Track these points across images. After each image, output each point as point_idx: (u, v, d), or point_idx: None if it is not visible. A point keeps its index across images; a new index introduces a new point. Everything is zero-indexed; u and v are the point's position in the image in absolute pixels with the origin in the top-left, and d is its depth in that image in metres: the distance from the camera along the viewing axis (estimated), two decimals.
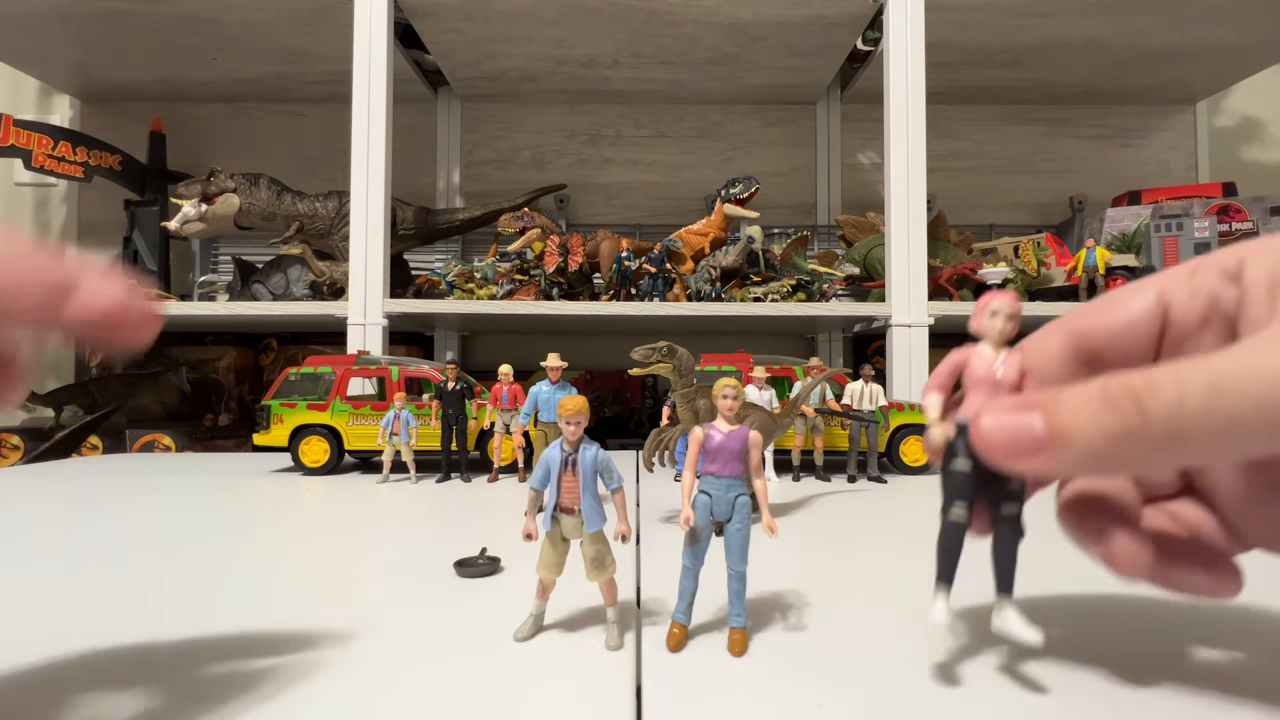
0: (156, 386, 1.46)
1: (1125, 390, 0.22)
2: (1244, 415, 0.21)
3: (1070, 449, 0.23)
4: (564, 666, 0.29)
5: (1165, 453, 0.22)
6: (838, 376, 0.89)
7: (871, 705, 0.26)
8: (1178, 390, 0.21)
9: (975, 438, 0.25)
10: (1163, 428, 0.21)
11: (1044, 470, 0.24)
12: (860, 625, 0.34)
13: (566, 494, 0.31)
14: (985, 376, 0.28)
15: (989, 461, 0.25)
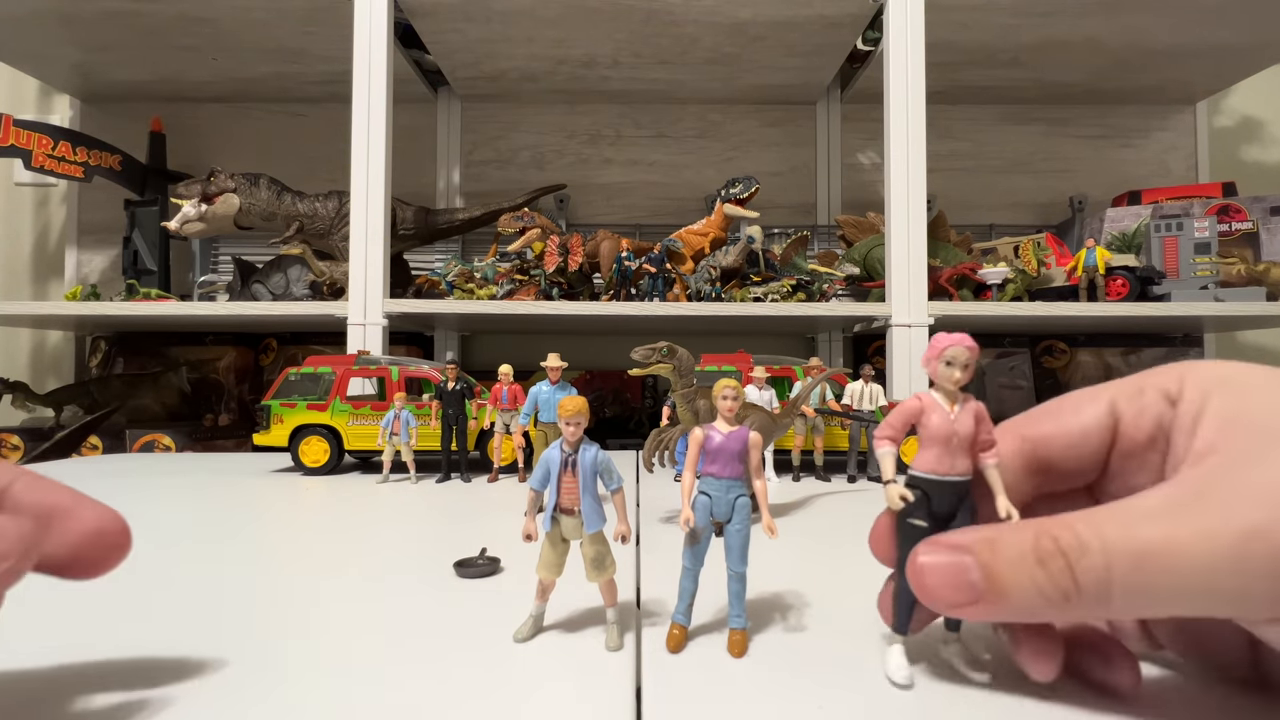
0: (156, 386, 1.46)
1: (1056, 549, 0.24)
2: (1165, 587, 0.22)
3: (1006, 603, 0.24)
4: (564, 667, 0.29)
5: (1095, 613, 0.23)
6: (838, 376, 0.89)
7: (871, 705, 0.26)
8: (1105, 560, 0.23)
9: (913, 575, 0.26)
10: (1093, 594, 0.23)
11: (979, 619, 0.25)
12: (860, 626, 0.34)
13: (566, 495, 0.31)
14: (943, 430, 0.27)
15: (926, 603, 0.26)
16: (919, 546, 0.26)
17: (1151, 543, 0.22)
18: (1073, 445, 0.28)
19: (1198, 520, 0.22)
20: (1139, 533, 0.23)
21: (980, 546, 0.25)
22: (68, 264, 1.61)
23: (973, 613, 0.25)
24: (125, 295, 1.29)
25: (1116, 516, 0.24)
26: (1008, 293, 1.21)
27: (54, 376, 1.65)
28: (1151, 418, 0.27)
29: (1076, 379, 1.57)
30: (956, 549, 0.25)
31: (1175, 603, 0.23)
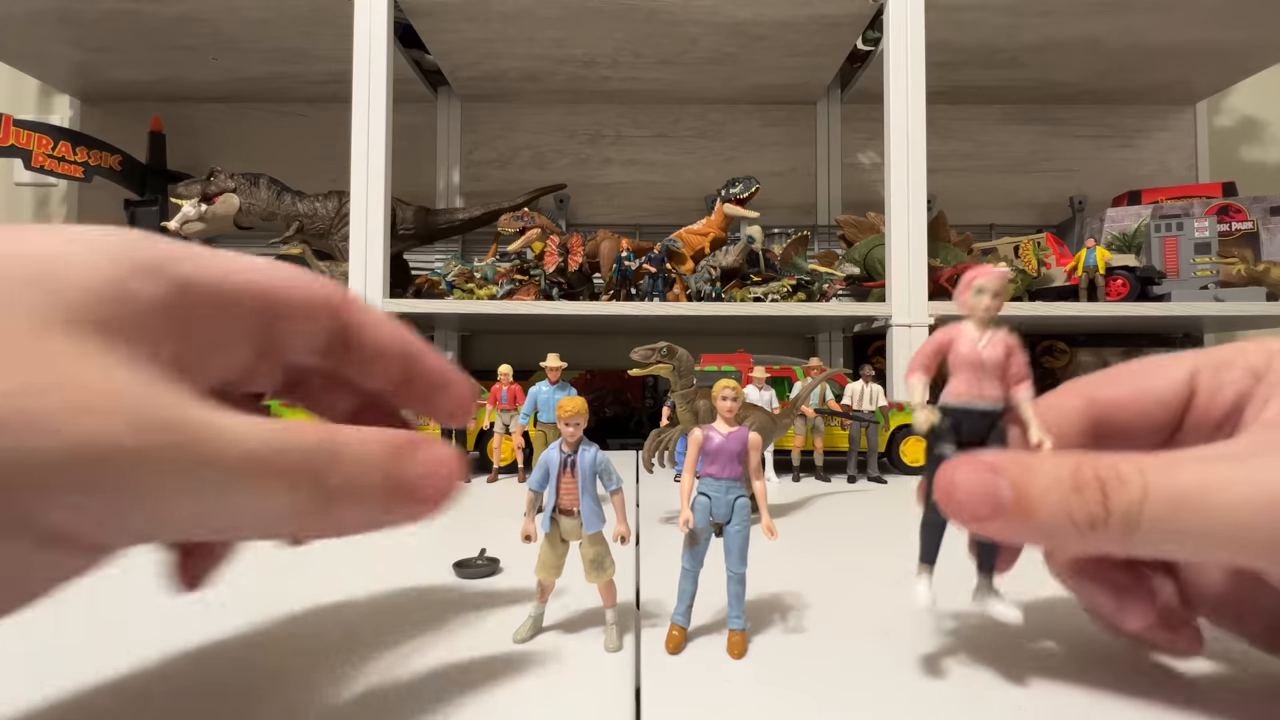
0: None
1: (1094, 478, 0.23)
2: (1198, 527, 0.22)
3: (1032, 523, 0.24)
4: (563, 668, 0.29)
5: (1118, 546, 0.23)
6: (838, 377, 0.89)
7: (872, 706, 0.26)
8: (1141, 494, 0.22)
9: (941, 488, 0.25)
10: (1120, 526, 0.22)
11: (1000, 536, 0.25)
12: (860, 626, 0.34)
13: (565, 495, 0.31)
14: (970, 356, 0.27)
15: (950, 515, 0.25)
16: (953, 461, 0.25)
17: (1193, 482, 0.22)
18: (1144, 413, 0.28)
19: (1247, 469, 0.22)
20: (1182, 472, 0.22)
21: (1015, 467, 0.24)
22: None
23: (994, 528, 0.24)
24: None
25: (1162, 459, 0.23)
26: (1008, 293, 1.21)
27: None
28: (1231, 395, 0.26)
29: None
30: (990, 468, 0.24)
31: (1204, 546, 0.22)
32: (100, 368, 0.17)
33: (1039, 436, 0.26)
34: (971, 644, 0.31)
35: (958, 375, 0.27)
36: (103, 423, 0.16)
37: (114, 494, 0.16)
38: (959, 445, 0.27)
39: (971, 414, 0.27)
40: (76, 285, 0.17)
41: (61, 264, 0.18)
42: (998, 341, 0.27)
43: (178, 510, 0.17)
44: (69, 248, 0.18)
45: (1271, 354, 0.26)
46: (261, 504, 0.19)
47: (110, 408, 0.16)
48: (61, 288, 0.17)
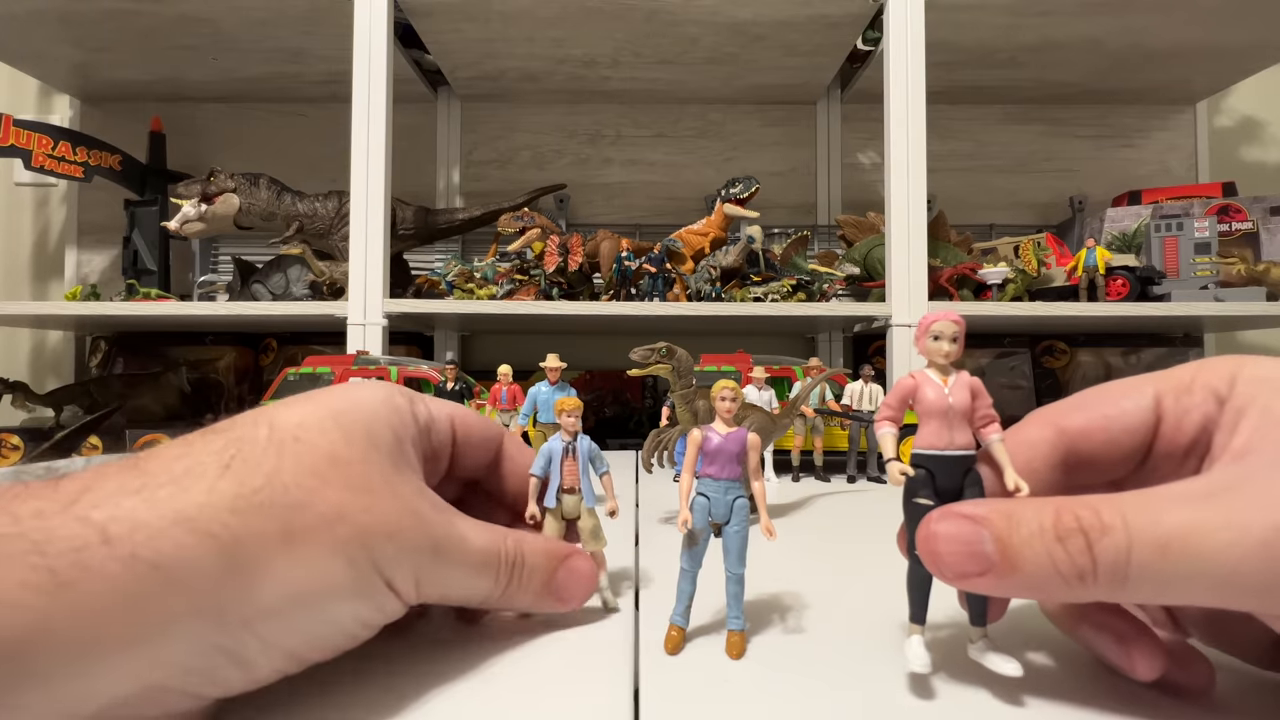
0: (156, 386, 1.46)
1: (1077, 526, 0.23)
2: (1186, 574, 0.22)
3: (1018, 577, 0.23)
4: (561, 669, 0.29)
5: (1107, 595, 0.23)
6: (837, 377, 0.89)
7: (872, 706, 0.26)
8: (1127, 541, 0.22)
9: (924, 546, 0.25)
10: (1109, 575, 0.22)
11: (986, 591, 0.25)
12: (860, 626, 0.34)
13: (568, 476, 0.35)
14: (938, 404, 0.27)
15: (935, 574, 0.25)
16: (932, 514, 0.25)
17: (1177, 528, 0.22)
18: (1113, 441, 0.27)
19: (1228, 511, 0.22)
20: (1164, 517, 0.22)
21: (996, 518, 0.24)
22: (68, 264, 1.61)
23: (981, 584, 0.24)
24: (125, 295, 1.29)
25: (1142, 500, 0.23)
26: (1008, 293, 1.21)
27: (54, 376, 1.65)
28: (1197, 418, 0.26)
29: (1076, 379, 1.57)
30: (971, 519, 0.24)
31: (1194, 591, 0.22)
32: (415, 494, 0.27)
33: (1015, 481, 0.26)
34: (968, 639, 0.31)
35: (927, 424, 0.27)
36: (430, 535, 0.27)
37: (428, 570, 0.27)
38: (936, 495, 0.27)
39: (945, 461, 0.27)
40: (388, 439, 0.28)
41: (380, 422, 0.28)
42: (962, 386, 0.27)
43: (448, 582, 0.28)
44: (378, 407, 0.28)
45: (1233, 376, 0.26)
46: (478, 586, 0.29)
47: (427, 526, 0.27)
48: (384, 441, 0.27)
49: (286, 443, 0.24)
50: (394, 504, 0.25)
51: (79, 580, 0.18)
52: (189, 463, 0.22)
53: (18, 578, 0.17)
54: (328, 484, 0.24)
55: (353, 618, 0.25)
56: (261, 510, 0.22)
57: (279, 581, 0.22)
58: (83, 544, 0.18)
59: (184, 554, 0.19)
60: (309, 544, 0.22)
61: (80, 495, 0.19)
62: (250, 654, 0.21)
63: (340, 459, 0.25)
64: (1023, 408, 1.53)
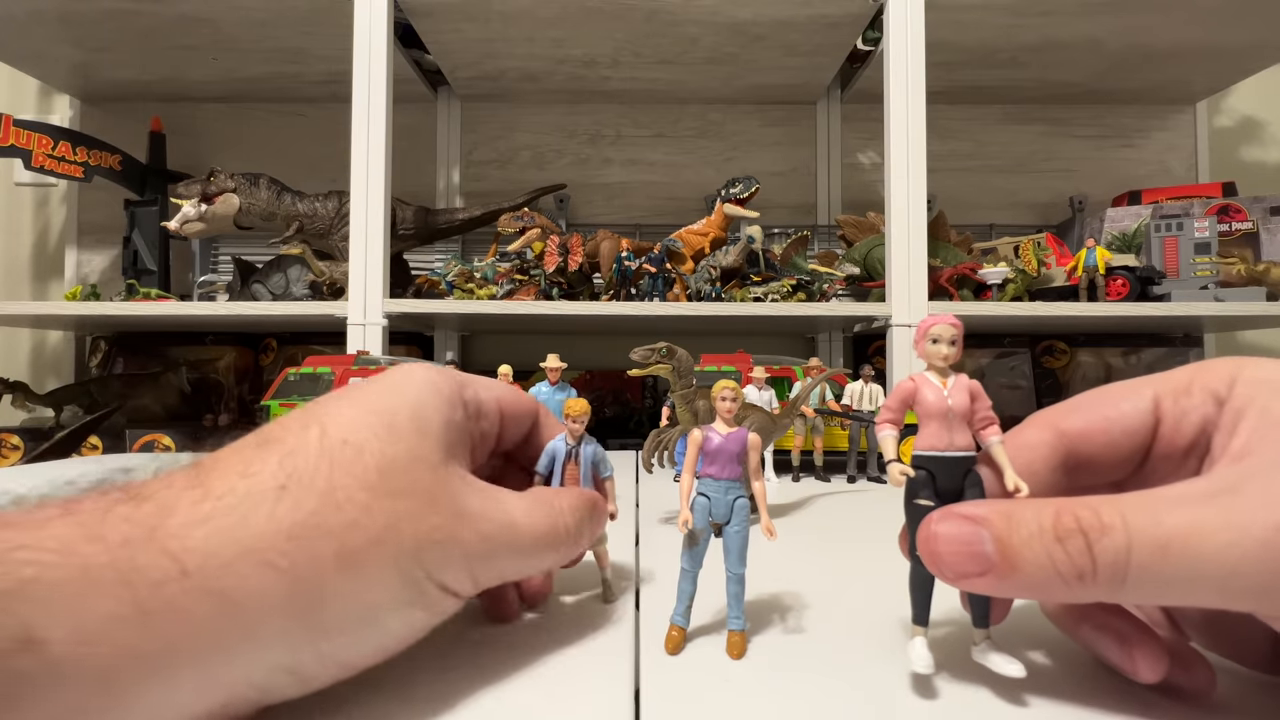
0: (156, 386, 1.46)
1: (1076, 526, 0.23)
2: (1185, 575, 0.22)
3: (1018, 577, 0.23)
4: (562, 669, 0.29)
5: (1106, 596, 0.23)
6: (838, 377, 0.89)
7: (873, 706, 0.26)
8: (1126, 541, 0.22)
9: (924, 546, 0.25)
10: (1108, 576, 0.22)
11: (986, 591, 0.25)
12: (860, 626, 0.34)
13: (569, 480, 0.36)
14: (937, 407, 0.27)
15: (936, 574, 0.25)
16: (932, 515, 0.25)
17: (1177, 529, 0.22)
18: (1112, 444, 0.27)
19: (1228, 511, 0.22)
20: (1164, 518, 0.22)
21: (996, 518, 0.24)
22: (68, 264, 1.61)
23: (981, 584, 0.24)
24: (125, 295, 1.29)
25: (1142, 501, 0.23)
26: (1008, 293, 1.21)
27: (54, 376, 1.65)
28: (1196, 420, 0.26)
29: (1076, 379, 1.57)
30: (971, 519, 0.24)
31: (1194, 592, 0.22)
32: (463, 489, 0.28)
33: (1014, 482, 0.26)
34: (970, 640, 0.31)
35: (927, 426, 0.28)
36: (483, 533, 0.27)
37: (482, 565, 0.28)
38: (937, 496, 0.27)
39: (945, 462, 0.27)
40: (437, 426, 0.28)
41: (428, 412, 0.28)
42: (961, 388, 0.27)
43: (504, 570, 0.29)
44: (426, 397, 0.29)
45: (1232, 378, 0.26)
46: (534, 565, 0.31)
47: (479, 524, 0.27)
48: (432, 430, 0.28)
49: (336, 449, 0.24)
50: (443, 505, 0.26)
51: (160, 612, 0.19)
52: (250, 485, 0.23)
53: (108, 609, 0.18)
54: (378, 496, 0.24)
55: (408, 624, 0.25)
56: (318, 533, 0.22)
57: (337, 604, 0.23)
58: (163, 577, 0.19)
59: (250, 586, 0.21)
60: (363, 564, 0.23)
61: (161, 522, 0.20)
62: (308, 669, 0.23)
63: (389, 463, 0.25)
64: (1023, 408, 1.53)
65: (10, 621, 0.17)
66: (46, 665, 0.17)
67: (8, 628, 0.17)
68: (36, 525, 0.19)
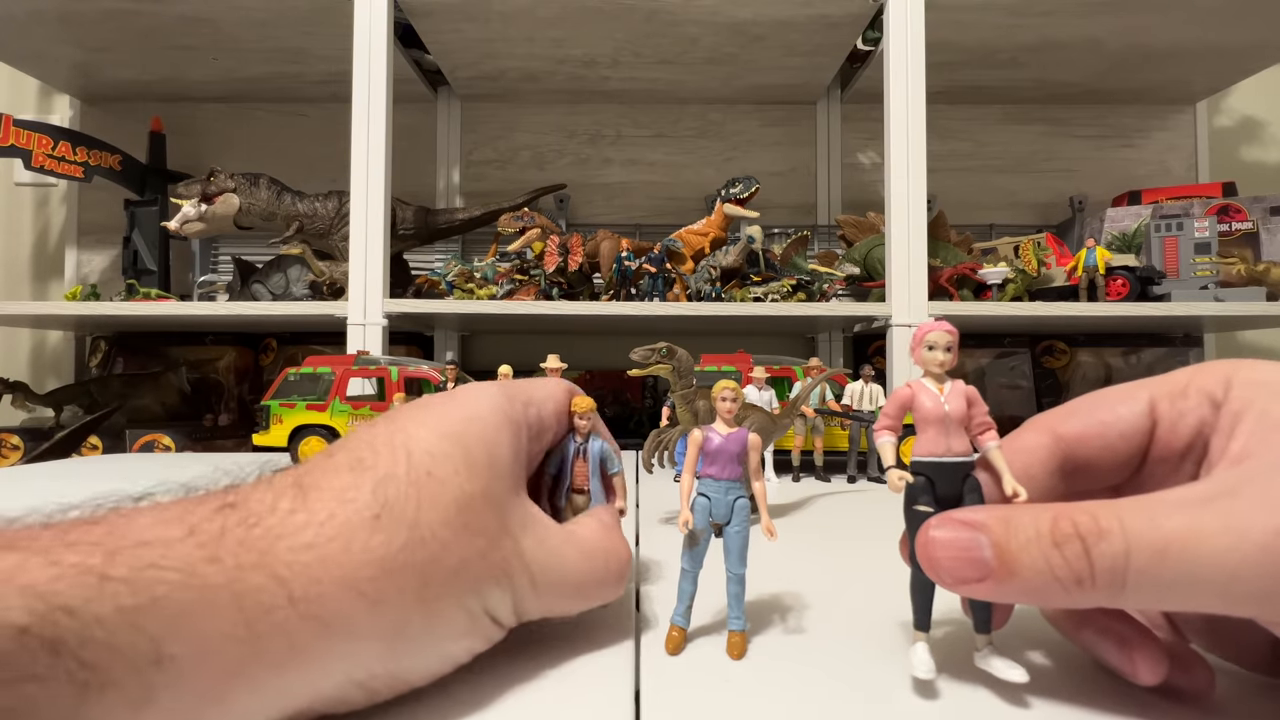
0: (156, 386, 1.46)
1: (1074, 532, 0.23)
2: (1184, 580, 0.22)
3: (1016, 582, 0.23)
4: (562, 670, 0.29)
5: (1106, 601, 0.23)
6: (838, 377, 0.89)
7: (873, 707, 0.26)
8: (1124, 546, 0.22)
9: (922, 551, 0.25)
10: (1107, 581, 0.22)
11: (985, 597, 0.25)
12: (861, 626, 0.34)
13: (579, 477, 0.36)
14: (935, 413, 0.27)
15: (934, 579, 0.25)
16: (930, 521, 0.25)
17: (1175, 533, 0.22)
18: (1109, 447, 0.27)
19: (1227, 516, 0.22)
20: (1163, 523, 0.22)
21: (994, 524, 0.24)
22: (68, 264, 1.61)
23: (979, 590, 0.24)
24: (125, 295, 1.29)
25: (1140, 505, 0.23)
26: (1008, 293, 1.21)
27: (54, 376, 1.65)
28: (1193, 422, 0.26)
29: (1076, 379, 1.57)
30: (969, 525, 0.24)
31: (1192, 597, 0.22)
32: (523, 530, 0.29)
33: (1013, 487, 0.26)
34: (972, 644, 0.31)
35: (925, 432, 0.28)
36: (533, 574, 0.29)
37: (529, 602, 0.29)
38: (936, 502, 0.27)
39: (943, 468, 0.27)
40: (507, 460, 0.29)
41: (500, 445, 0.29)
42: (958, 394, 0.28)
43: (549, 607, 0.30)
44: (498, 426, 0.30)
45: (1228, 380, 0.26)
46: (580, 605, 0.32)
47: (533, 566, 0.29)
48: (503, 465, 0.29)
49: (422, 480, 0.26)
50: (507, 546, 0.28)
51: (267, 635, 0.21)
52: (348, 513, 0.24)
53: (223, 629, 0.20)
54: (456, 533, 0.26)
55: (465, 650, 0.27)
56: (406, 569, 0.24)
57: (413, 636, 0.25)
58: (273, 602, 0.21)
59: (343, 613, 0.22)
60: (440, 600, 0.25)
61: (270, 545, 0.22)
62: (378, 687, 0.24)
63: (465, 501, 0.27)
64: (1023, 408, 1.53)
65: (142, 637, 0.18)
66: (170, 679, 0.18)
67: (140, 643, 0.18)
68: (165, 544, 0.20)
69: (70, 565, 0.18)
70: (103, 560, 0.18)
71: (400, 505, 0.25)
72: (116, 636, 0.17)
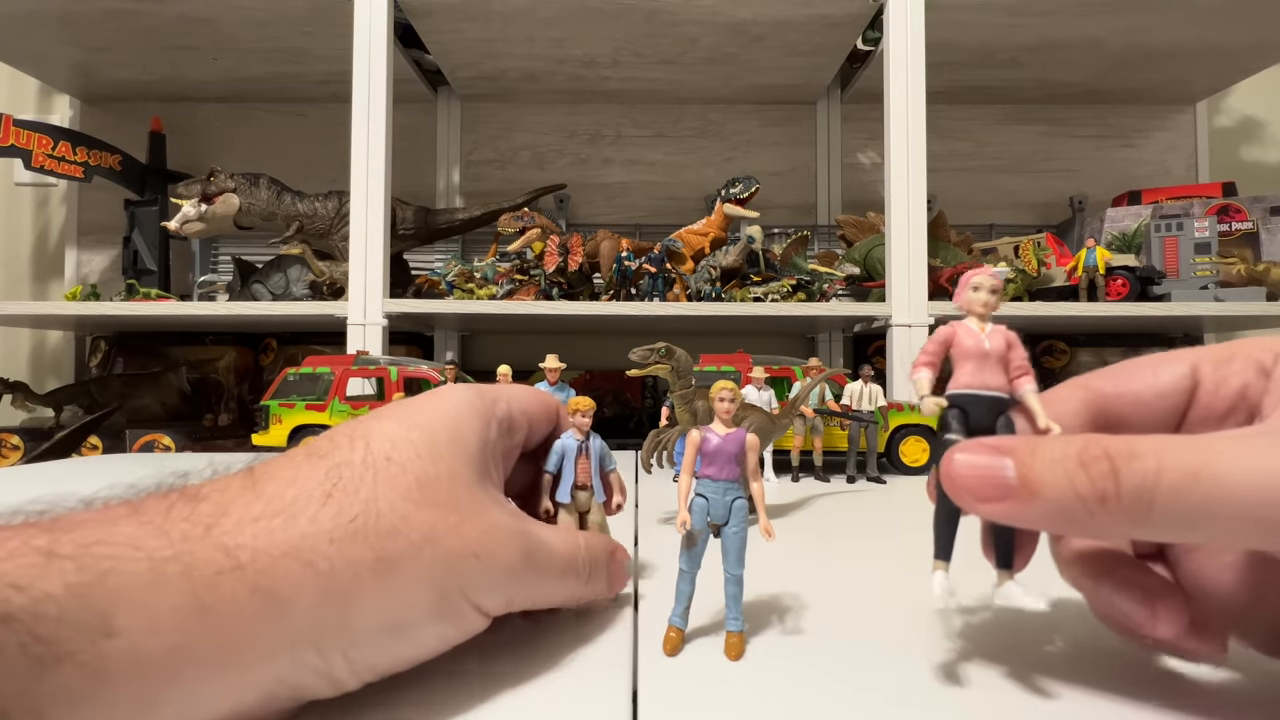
0: (156, 386, 1.46)
1: (1103, 453, 0.22)
2: (1217, 506, 0.20)
3: (1038, 503, 0.23)
4: (559, 671, 0.29)
5: (1132, 525, 0.22)
6: (837, 377, 0.89)
7: (873, 706, 0.26)
8: (1156, 465, 0.21)
9: (945, 471, 0.25)
10: (1133, 500, 0.21)
11: (1006, 519, 0.24)
12: (860, 627, 0.34)
13: (582, 474, 0.37)
14: (974, 348, 0.28)
15: (954, 498, 0.25)
16: (958, 444, 0.25)
17: (1213, 456, 0.21)
18: (1145, 404, 0.27)
19: (1272, 445, 0.21)
20: (1201, 447, 0.21)
21: (1020, 448, 0.23)
22: (68, 264, 1.61)
23: (999, 510, 0.23)
24: (125, 295, 1.29)
25: (1179, 438, 0.22)
26: (1008, 293, 1.21)
27: (54, 376, 1.65)
28: (1236, 386, 0.26)
29: None
30: (995, 449, 0.24)
31: (1223, 524, 0.21)
32: (498, 509, 0.28)
33: (1046, 423, 0.26)
34: (973, 645, 0.31)
35: (962, 366, 0.28)
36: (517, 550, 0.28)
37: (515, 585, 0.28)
38: (968, 433, 0.27)
39: (978, 402, 0.27)
40: (474, 447, 0.29)
41: (466, 433, 0.29)
42: (999, 334, 0.28)
43: (535, 591, 0.30)
44: (465, 418, 0.30)
45: (1277, 352, 0.26)
46: (562, 590, 0.31)
47: (513, 541, 0.28)
48: (469, 451, 0.29)
49: (380, 465, 0.26)
50: (479, 521, 0.27)
51: (215, 606, 0.20)
52: (297, 490, 0.24)
53: (173, 602, 0.19)
54: (419, 507, 0.25)
55: (438, 637, 0.26)
56: (357, 538, 0.23)
57: (370, 611, 0.23)
58: (219, 569, 0.20)
59: (290, 583, 0.22)
60: (399, 572, 0.24)
61: (216, 519, 0.22)
62: (339, 673, 0.23)
63: (429, 479, 0.26)
64: None
65: (91, 612, 0.18)
66: (123, 654, 0.18)
67: (90, 618, 0.18)
68: (109, 523, 0.20)
69: (16, 546, 0.18)
70: (49, 541, 0.18)
71: (354, 484, 0.24)
72: (67, 611, 0.17)
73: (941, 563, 0.27)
